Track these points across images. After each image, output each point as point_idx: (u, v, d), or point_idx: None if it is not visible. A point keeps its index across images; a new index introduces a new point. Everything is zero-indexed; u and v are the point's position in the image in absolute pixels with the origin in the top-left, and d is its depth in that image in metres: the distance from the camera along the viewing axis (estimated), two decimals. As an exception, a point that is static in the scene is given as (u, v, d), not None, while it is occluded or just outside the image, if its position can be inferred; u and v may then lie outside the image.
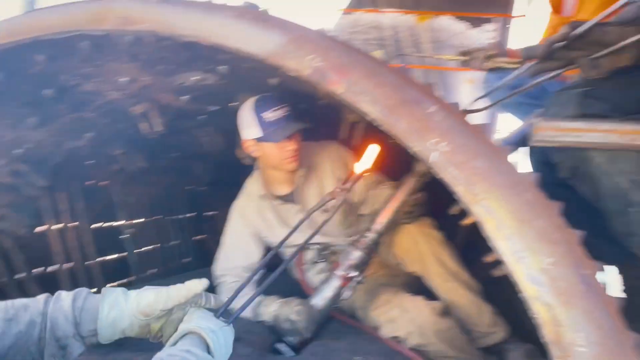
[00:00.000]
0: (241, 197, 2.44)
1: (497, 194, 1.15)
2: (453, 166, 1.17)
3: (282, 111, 2.13)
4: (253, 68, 1.93)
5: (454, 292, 1.99)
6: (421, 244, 2.04)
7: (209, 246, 4.07)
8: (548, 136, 1.34)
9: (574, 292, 1.10)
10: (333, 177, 2.36)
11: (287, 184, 2.35)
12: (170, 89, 2.23)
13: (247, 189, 2.45)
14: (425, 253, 2.02)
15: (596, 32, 1.24)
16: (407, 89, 1.25)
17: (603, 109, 1.34)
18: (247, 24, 1.33)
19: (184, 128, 2.79)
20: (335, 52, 1.30)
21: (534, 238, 1.13)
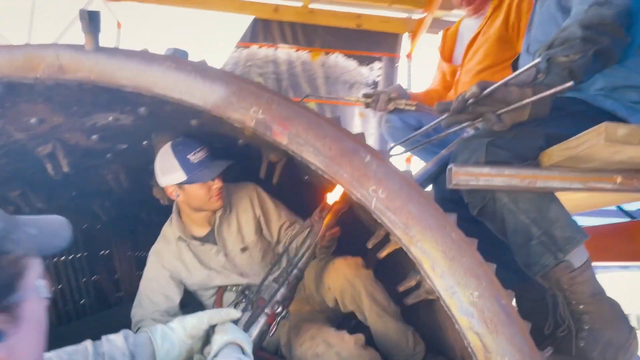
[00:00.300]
0: (159, 241, 2.39)
1: (430, 236, 1.29)
2: (390, 211, 1.29)
3: (203, 152, 2.15)
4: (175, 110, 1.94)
5: (386, 325, 2.11)
6: (357, 286, 2.13)
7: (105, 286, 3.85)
8: (463, 180, 1.52)
9: (498, 321, 1.25)
10: (251, 217, 2.40)
11: (206, 225, 2.35)
12: (81, 128, 2.14)
13: (164, 232, 2.41)
14: (361, 293, 2.12)
15: (501, 91, 1.44)
16: (345, 139, 1.36)
17: (506, 156, 1.55)
18: (188, 75, 1.36)
19: (88, 166, 2.67)
20: (275, 104, 1.37)
21: (463, 274, 1.27)
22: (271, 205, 2.44)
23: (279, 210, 2.45)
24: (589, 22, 1.47)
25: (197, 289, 2.41)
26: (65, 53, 1.34)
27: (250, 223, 2.39)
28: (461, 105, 1.46)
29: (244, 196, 2.42)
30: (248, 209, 2.40)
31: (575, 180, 1.51)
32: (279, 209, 2.45)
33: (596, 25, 1.46)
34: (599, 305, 1.55)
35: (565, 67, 1.45)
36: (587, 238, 1.54)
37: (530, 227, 1.54)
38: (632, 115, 1.63)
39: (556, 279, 1.56)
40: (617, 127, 1.27)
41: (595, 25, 1.47)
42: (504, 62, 2.62)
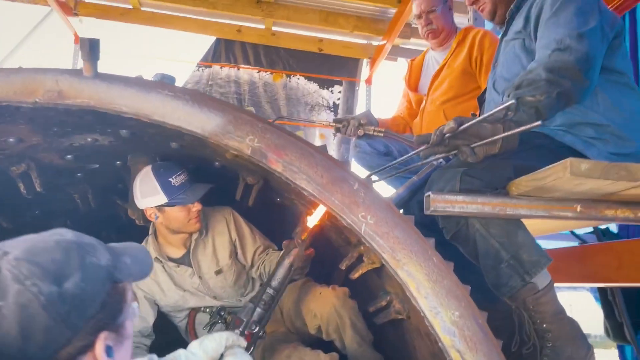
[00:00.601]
0: None
1: (415, 260, 1.38)
2: (379, 236, 1.38)
3: (184, 175, 2.18)
4: (157, 133, 1.97)
5: (363, 353, 2.18)
6: (343, 317, 2.18)
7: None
8: (440, 207, 1.63)
9: (477, 339, 1.35)
10: (227, 240, 2.43)
11: (181, 247, 2.36)
12: (57, 148, 2.13)
13: None
14: (346, 324, 2.18)
15: (475, 127, 1.57)
16: (335, 168, 1.44)
17: (478, 185, 1.67)
18: (186, 103, 1.41)
19: (58, 185, 2.63)
20: (269, 133, 1.44)
21: (445, 295, 1.37)
22: (247, 230, 2.48)
23: (254, 234, 2.50)
24: (552, 66, 1.64)
25: (170, 310, 2.41)
26: (64, 79, 1.37)
27: (226, 246, 2.42)
28: (439, 138, 1.58)
29: (220, 219, 2.46)
30: (224, 232, 2.44)
31: (540, 209, 1.65)
32: (254, 233, 2.50)
33: (558, 69, 1.63)
34: (561, 324, 1.69)
35: (532, 106, 1.60)
36: (551, 261, 1.67)
37: (500, 251, 1.67)
38: (588, 149, 1.80)
39: (522, 299, 1.69)
40: (581, 162, 1.41)
41: (557, 69, 1.63)
42: (467, 93, 2.79)
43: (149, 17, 5.97)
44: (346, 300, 2.23)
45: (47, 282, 0.92)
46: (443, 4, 2.97)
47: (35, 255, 0.94)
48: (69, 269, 0.95)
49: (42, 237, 1.00)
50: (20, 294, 0.90)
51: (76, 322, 0.93)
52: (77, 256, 0.97)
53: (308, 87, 6.30)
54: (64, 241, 0.99)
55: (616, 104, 1.82)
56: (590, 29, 1.71)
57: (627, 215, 1.66)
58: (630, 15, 3.63)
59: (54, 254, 0.95)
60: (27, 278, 0.91)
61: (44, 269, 0.92)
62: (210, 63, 6.21)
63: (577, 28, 1.70)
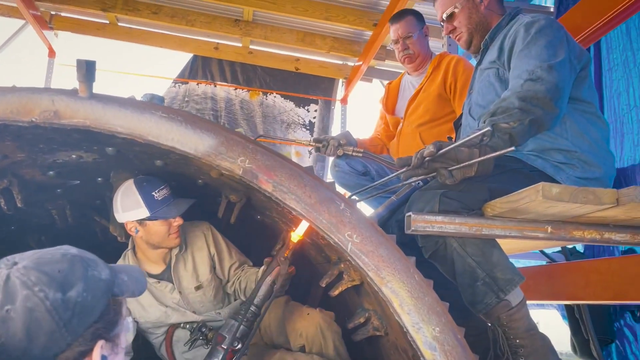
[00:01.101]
0: None
1: (398, 277, 1.45)
2: (364, 255, 1.44)
3: (166, 190, 2.20)
4: (142, 151, 2.00)
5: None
6: (327, 339, 2.22)
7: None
8: (420, 227, 1.71)
9: (456, 354, 1.42)
10: (206, 255, 2.45)
11: (161, 263, 2.37)
12: (41, 165, 2.14)
13: None
14: (329, 347, 2.22)
15: (453, 151, 1.66)
16: (322, 188, 1.50)
17: (456, 206, 1.76)
18: (180, 125, 1.46)
19: (37, 201, 2.62)
20: (260, 154, 1.50)
21: (426, 312, 1.44)
22: (224, 245, 2.51)
23: (230, 250, 2.53)
24: (525, 95, 1.75)
25: (150, 327, 2.41)
26: (60, 99, 1.40)
27: (205, 261, 2.44)
28: (419, 161, 1.66)
29: (199, 235, 2.48)
30: (203, 247, 2.46)
31: (513, 229, 1.75)
32: (230, 249, 2.53)
33: (530, 98, 1.74)
34: (533, 339, 1.77)
35: (507, 132, 1.71)
36: (523, 280, 1.76)
37: (476, 269, 1.75)
38: (558, 174, 1.91)
39: (497, 316, 1.77)
40: (552, 186, 1.51)
41: (529, 98, 1.74)
42: (442, 117, 2.91)
43: (126, 33, 5.98)
44: (332, 324, 2.28)
45: (53, 289, 0.99)
46: (419, 30, 3.09)
47: (43, 265, 1.02)
48: (73, 279, 1.02)
49: (49, 251, 1.08)
50: (28, 298, 0.97)
51: (77, 328, 1.01)
52: (81, 268, 1.05)
53: (284, 105, 6.38)
54: (69, 254, 1.07)
55: (583, 131, 1.94)
56: (559, 61, 1.83)
57: (593, 237, 1.77)
58: (595, 47, 3.84)
59: (60, 264, 1.03)
60: (34, 284, 0.98)
61: (50, 277, 1.00)
62: (187, 79, 6.24)
63: (547, 60, 1.83)
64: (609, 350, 3.55)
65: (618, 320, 3.49)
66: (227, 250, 2.54)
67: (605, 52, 3.78)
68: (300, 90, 6.34)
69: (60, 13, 5.78)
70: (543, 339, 1.79)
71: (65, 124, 1.40)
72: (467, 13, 2.18)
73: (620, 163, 3.56)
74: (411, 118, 3.01)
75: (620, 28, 3.61)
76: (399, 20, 3.09)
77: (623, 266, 2.10)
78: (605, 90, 3.77)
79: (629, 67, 3.58)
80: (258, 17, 5.78)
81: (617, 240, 1.77)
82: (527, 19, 2.02)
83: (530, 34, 1.92)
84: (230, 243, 2.61)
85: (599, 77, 3.77)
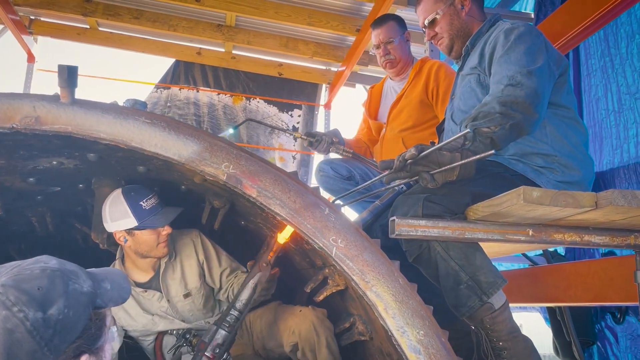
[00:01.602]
0: None
1: (382, 281, 1.45)
2: (348, 259, 1.45)
3: (154, 199, 2.19)
4: (125, 157, 1.98)
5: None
6: (321, 336, 2.20)
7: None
8: (404, 231, 1.72)
9: (440, 357, 1.43)
10: (195, 263, 2.43)
11: (149, 271, 2.35)
12: (21, 171, 2.11)
13: None
14: (322, 344, 2.20)
15: (435, 154, 1.68)
16: (307, 193, 1.51)
17: (439, 210, 1.77)
18: (163, 130, 1.45)
19: (16, 208, 2.58)
20: (244, 160, 1.49)
21: (411, 315, 1.45)
22: (213, 252, 2.49)
23: (220, 257, 2.50)
24: (505, 100, 1.78)
25: (139, 335, 2.39)
26: (42, 105, 1.38)
27: (194, 269, 2.42)
28: (402, 164, 1.67)
29: (188, 242, 2.46)
30: (192, 254, 2.44)
31: (496, 233, 1.77)
32: (220, 256, 2.50)
33: (511, 103, 1.77)
34: (515, 341, 1.79)
35: (488, 136, 1.73)
36: (506, 283, 1.78)
37: (459, 272, 1.76)
38: (538, 177, 1.94)
39: (480, 319, 1.78)
40: (533, 190, 1.53)
41: (510, 103, 1.77)
42: (424, 122, 2.93)
43: (107, 38, 5.93)
44: (324, 320, 2.27)
45: (33, 309, 0.96)
46: (401, 35, 3.11)
47: (22, 282, 0.99)
48: (53, 296, 0.99)
49: (28, 264, 1.04)
50: (7, 319, 0.94)
51: (59, 345, 0.98)
52: (61, 283, 1.02)
53: (268, 111, 6.37)
54: (49, 269, 1.03)
55: (563, 136, 1.98)
56: (538, 67, 1.86)
57: (574, 239, 1.80)
58: (574, 53, 3.92)
59: (40, 281, 1.00)
60: (14, 304, 0.95)
61: (30, 296, 0.97)
62: (169, 85, 6.21)
63: (526, 66, 1.86)
64: (590, 352, 3.60)
65: (599, 322, 3.55)
66: (217, 257, 2.52)
67: (584, 57, 3.86)
68: (284, 96, 6.35)
69: (40, 18, 5.71)
70: (525, 341, 1.81)
71: (47, 130, 1.38)
72: (449, 19, 2.21)
73: (599, 167, 3.63)
74: (394, 124, 3.03)
75: (598, 34, 3.69)
76: (380, 25, 3.10)
77: (603, 268, 2.13)
78: (584, 95, 3.85)
79: (607, 73, 3.65)
80: (241, 22, 5.77)
81: (596, 243, 1.80)
82: (507, 26, 2.05)
83: (510, 40, 1.96)
84: (221, 250, 2.57)
85: (578, 83, 3.85)
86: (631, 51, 3.46)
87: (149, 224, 2.15)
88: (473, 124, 1.77)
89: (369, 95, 3.34)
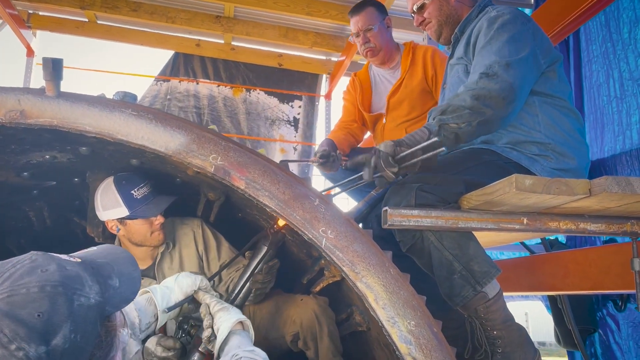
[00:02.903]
0: None
1: (373, 272, 1.44)
2: (338, 250, 1.43)
3: (147, 187, 2.17)
4: (117, 150, 1.97)
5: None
6: (322, 324, 2.17)
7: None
8: (397, 221, 1.71)
9: (432, 347, 1.42)
10: (193, 252, 2.41)
11: (147, 259, 2.33)
12: (14, 166, 2.10)
13: None
14: (324, 332, 2.17)
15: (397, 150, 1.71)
16: (296, 184, 1.49)
17: (432, 200, 1.76)
18: (150, 123, 1.44)
19: (11, 202, 2.58)
20: (232, 151, 1.48)
21: (401, 306, 1.44)
22: (213, 243, 2.45)
23: (221, 248, 2.45)
24: (478, 94, 1.76)
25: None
26: (27, 98, 1.37)
27: (193, 259, 2.40)
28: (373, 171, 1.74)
29: (188, 232, 2.43)
30: (190, 244, 2.41)
31: (489, 222, 1.75)
32: (220, 247, 2.46)
33: (483, 97, 1.75)
34: (509, 330, 1.78)
35: (453, 132, 1.75)
36: (500, 272, 1.77)
37: (453, 262, 1.75)
38: (533, 165, 1.92)
39: (474, 308, 1.78)
40: (525, 178, 1.51)
41: (483, 97, 1.75)
42: (426, 111, 2.88)
43: (106, 31, 5.92)
44: (326, 309, 2.24)
45: (34, 343, 0.82)
46: (380, 22, 2.99)
47: (18, 308, 0.84)
48: (56, 321, 0.85)
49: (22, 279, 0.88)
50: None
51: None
52: (65, 302, 0.87)
53: (268, 102, 6.36)
54: (49, 284, 0.87)
55: (555, 124, 1.95)
56: (520, 58, 1.82)
57: (569, 227, 1.78)
58: (574, 39, 3.87)
59: (39, 304, 0.85)
60: (10, 341, 0.82)
61: (29, 328, 0.83)
62: (169, 77, 6.19)
63: (507, 56, 1.82)
64: (592, 340, 3.59)
65: (600, 309, 3.54)
66: (217, 248, 2.47)
67: (584, 43, 3.81)
68: (284, 87, 6.33)
69: (38, 12, 5.71)
70: (519, 330, 1.80)
71: (32, 123, 1.37)
72: (438, 5, 2.17)
73: (600, 154, 3.60)
74: (394, 114, 2.98)
75: (599, 19, 3.64)
76: (358, 12, 2.99)
77: (600, 256, 2.12)
78: (584, 81, 3.80)
79: (609, 59, 3.61)
80: (239, 13, 5.74)
81: (592, 231, 1.78)
82: (493, 13, 2.01)
83: (492, 28, 1.92)
84: (224, 241, 2.51)
85: (579, 69, 3.80)
86: (635, 36, 3.41)
87: (140, 214, 2.13)
88: (441, 118, 1.75)
89: (359, 87, 3.19)
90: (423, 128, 1.79)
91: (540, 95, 1.94)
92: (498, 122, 1.80)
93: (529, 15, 2.01)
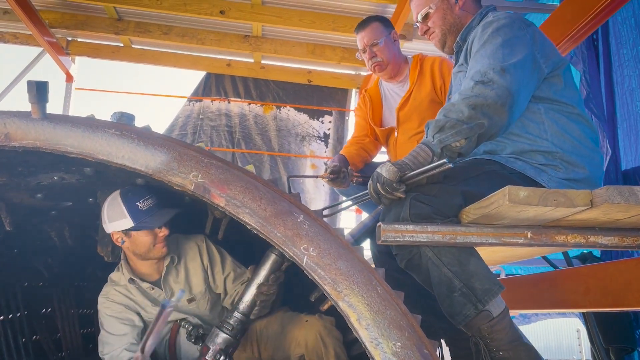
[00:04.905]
0: (106, 286, 2.39)
1: (357, 291, 1.39)
2: (320, 268, 1.39)
3: (151, 200, 2.20)
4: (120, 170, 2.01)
5: None
6: (328, 346, 2.12)
7: (45, 347, 3.72)
8: (391, 237, 1.65)
9: (419, 369, 1.35)
10: (199, 266, 2.44)
11: (154, 274, 2.37)
12: (26, 187, 2.17)
13: (112, 278, 2.41)
14: (330, 354, 2.13)
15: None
16: (281, 200, 1.47)
17: (428, 211, 1.68)
18: (132, 142, 1.45)
19: (32, 223, 2.67)
20: (214, 168, 1.47)
21: (387, 326, 1.38)
22: (217, 257, 2.48)
23: (225, 262, 2.49)
24: (475, 103, 1.68)
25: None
26: (11, 121, 1.41)
27: (198, 273, 2.42)
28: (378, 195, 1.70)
29: (192, 246, 2.47)
30: (196, 258, 2.44)
31: (490, 236, 1.66)
32: (224, 261, 2.49)
33: (480, 106, 1.67)
34: (517, 351, 1.67)
35: (456, 151, 1.67)
36: (503, 289, 1.67)
37: (452, 279, 1.67)
38: (539, 175, 1.82)
39: (477, 327, 1.68)
40: (519, 189, 1.43)
41: (480, 106, 1.67)
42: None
43: (140, 55, 6.12)
44: (332, 330, 2.20)
45: None
46: (386, 36, 2.95)
47: None
48: None
49: None
50: None
51: None
52: None
53: (298, 118, 6.39)
54: None
55: (564, 131, 1.85)
56: (515, 62, 1.74)
57: (578, 241, 1.67)
58: (604, 43, 3.70)
59: None
60: None
61: None
62: (201, 97, 6.33)
63: (501, 61, 1.74)
64: (631, 358, 3.36)
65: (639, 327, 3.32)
66: (221, 261, 2.50)
67: (614, 47, 3.64)
68: (314, 103, 6.35)
69: (77, 39, 5.97)
70: (528, 350, 1.69)
71: (16, 145, 1.41)
72: (442, 14, 2.12)
73: (635, 162, 3.41)
74: (404, 127, 2.93)
75: (629, 23, 3.48)
76: (363, 28, 2.95)
77: (619, 270, 1.97)
78: (616, 87, 3.63)
79: (642, 62, 3.43)
80: (267, 32, 5.82)
81: (604, 244, 1.67)
82: (489, 18, 1.94)
83: (486, 33, 1.85)
84: (227, 255, 2.55)
85: (609, 74, 3.63)
86: (670, 38, 3.24)
87: (145, 225, 2.16)
88: (440, 138, 1.68)
89: (369, 103, 3.16)
90: (424, 147, 1.72)
91: (545, 102, 1.85)
92: (498, 129, 1.72)
93: (529, 21, 1.93)
